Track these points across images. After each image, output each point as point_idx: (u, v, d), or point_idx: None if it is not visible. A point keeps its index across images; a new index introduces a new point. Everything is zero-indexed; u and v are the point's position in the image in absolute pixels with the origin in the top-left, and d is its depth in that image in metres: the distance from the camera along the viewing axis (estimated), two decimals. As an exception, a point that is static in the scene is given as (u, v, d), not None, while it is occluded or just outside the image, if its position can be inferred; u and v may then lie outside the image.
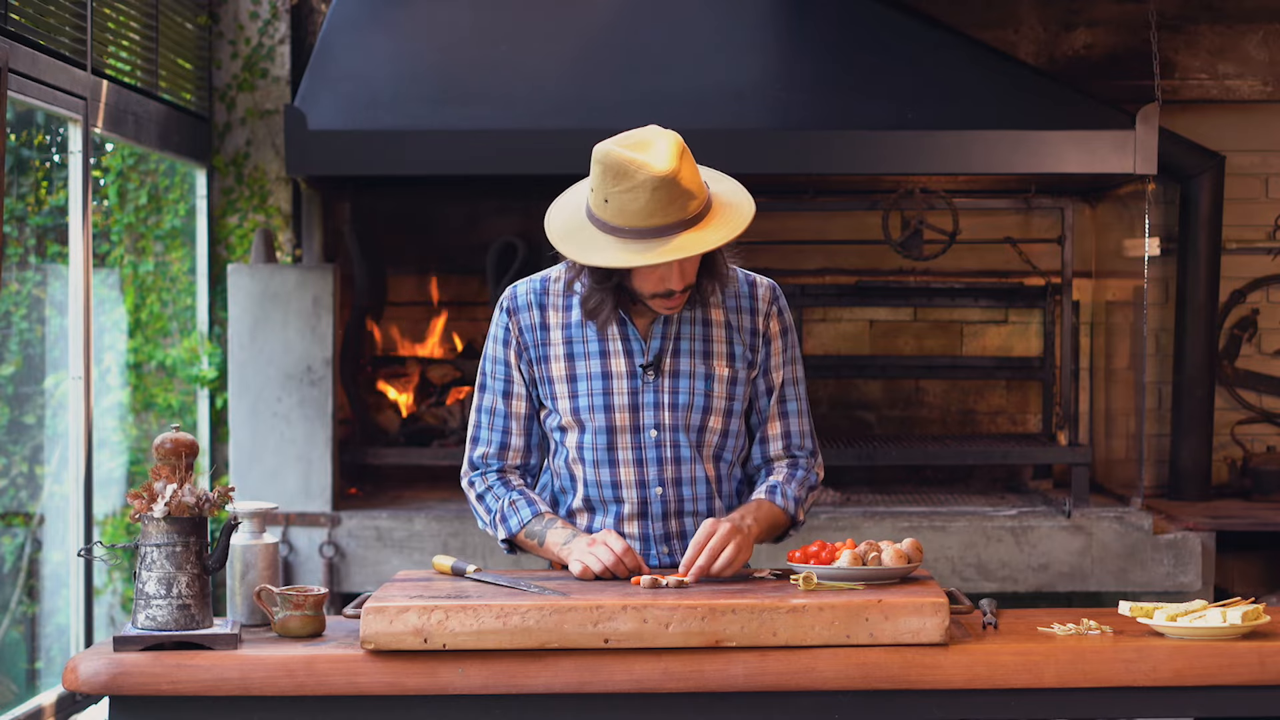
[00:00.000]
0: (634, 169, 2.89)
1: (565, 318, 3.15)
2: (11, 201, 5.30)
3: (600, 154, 2.93)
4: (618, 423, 3.11)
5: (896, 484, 6.72)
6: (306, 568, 5.84)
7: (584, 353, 3.13)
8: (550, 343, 3.14)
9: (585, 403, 3.12)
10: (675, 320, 3.13)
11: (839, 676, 2.74)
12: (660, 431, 3.12)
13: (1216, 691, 2.78)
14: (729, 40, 5.87)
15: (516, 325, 3.16)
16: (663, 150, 2.91)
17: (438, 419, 6.43)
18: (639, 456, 3.13)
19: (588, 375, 3.12)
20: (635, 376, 3.12)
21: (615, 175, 2.90)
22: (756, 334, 3.17)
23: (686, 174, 2.91)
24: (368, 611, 2.76)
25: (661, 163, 2.89)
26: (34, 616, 5.49)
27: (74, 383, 5.16)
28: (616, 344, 3.12)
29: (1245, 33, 6.64)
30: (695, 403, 3.12)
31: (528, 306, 3.16)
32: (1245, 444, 6.70)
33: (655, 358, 3.12)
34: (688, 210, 2.92)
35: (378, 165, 5.75)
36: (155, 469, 2.81)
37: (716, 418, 3.14)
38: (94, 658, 2.76)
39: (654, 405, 3.12)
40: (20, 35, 4.70)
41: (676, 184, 2.89)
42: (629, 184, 2.89)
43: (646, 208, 2.90)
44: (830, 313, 6.80)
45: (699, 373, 3.13)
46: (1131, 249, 6.24)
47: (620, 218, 2.92)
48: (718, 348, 3.15)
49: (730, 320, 3.16)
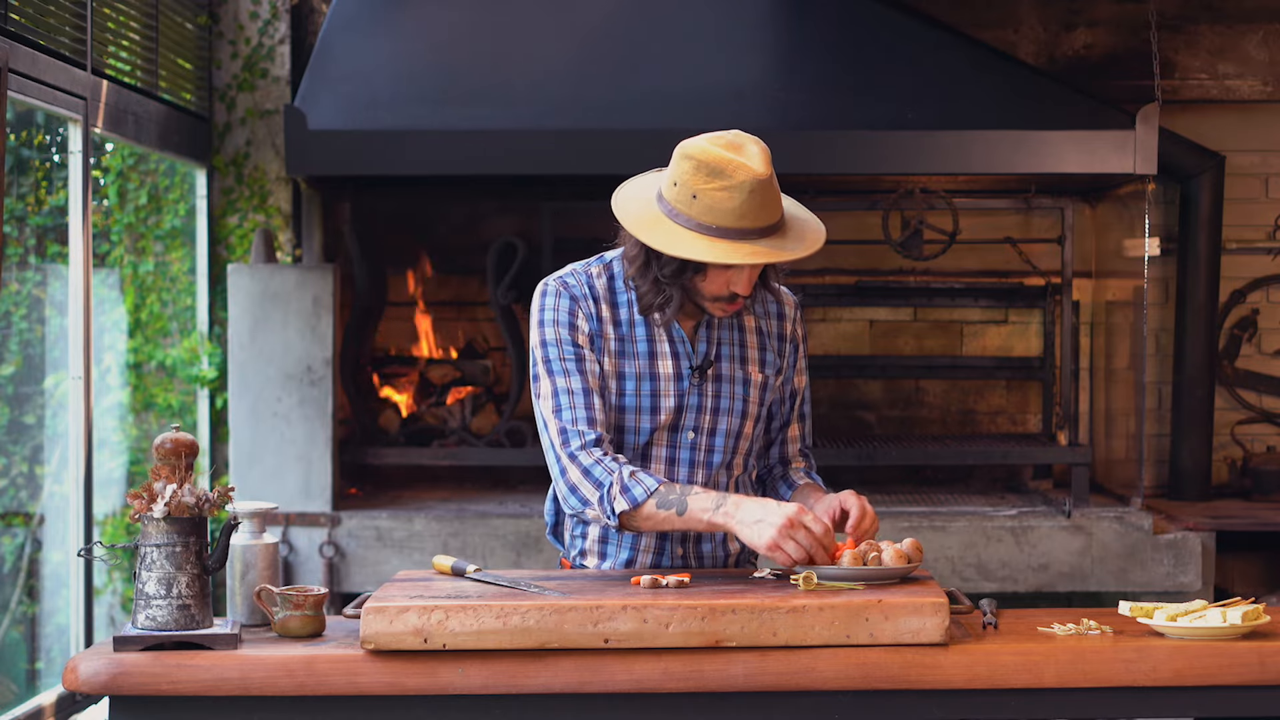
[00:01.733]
0: (733, 169, 2.92)
1: (615, 314, 3.13)
2: (11, 201, 5.30)
3: (695, 150, 2.95)
4: (661, 423, 3.12)
5: (896, 484, 6.72)
6: (306, 568, 5.84)
7: (633, 352, 3.12)
8: (605, 336, 3.12)
9: (632, 401, 3.11)
10: (716, 325, 3.15)
11: (839, 676, 2.74)
12: (698, 434, 3.14)
13: (1216, 691, 2.78)
14: (729, 40, 5.87)
15: (581, 310, 3.09)
16: (758, 154, 2.96)
17: (438, 419, 6.42)
18: (671, 455, 3.13)
19: (636, 375, 3.11)
20: (683, 379, 3.13)
21: (710, 172, 2.93)
22: (784, 339, 3.22)
23: (776, 182, 2.97)
24: (368, 611, 2.76)
25: (760, 165, 2.94)
26: (34, 616, 5.49)
27: (74, 383, 5.16)
28: (665, 345, 3.13)
29: (1245, 33, 6.64)
30: (735, 407, 3.15)
31: (586, 296, 3.10)
32: (1245, 444, 6.70)
33: (703, 361, 3.13)
34: (775, 216, 2.98)
35: (378, 165, 5.75)
36: (155, 469, 2.81)
37: (749, 423, 3.17)
38: (94, 658, 2.76)
39: (697, 408, 3.13)
40: (20, 35, 4.70)
41: (771, 188, 2.95)
42: (726, 183, 2.92)
43: (740, 208, 2.93)
44: (830, 313, 6.80)
45: (738, 378, 3.15)
46: (1131, 249, 6.24)
47: (709, 215, 2.94)
48: (753, 354, 3.18)
49: (761, 326, 3.20)
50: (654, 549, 3.15)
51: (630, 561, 3.16)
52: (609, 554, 3.17)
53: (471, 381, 6.51)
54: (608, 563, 3.18)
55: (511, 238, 6.31)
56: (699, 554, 3.17)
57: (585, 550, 3.20)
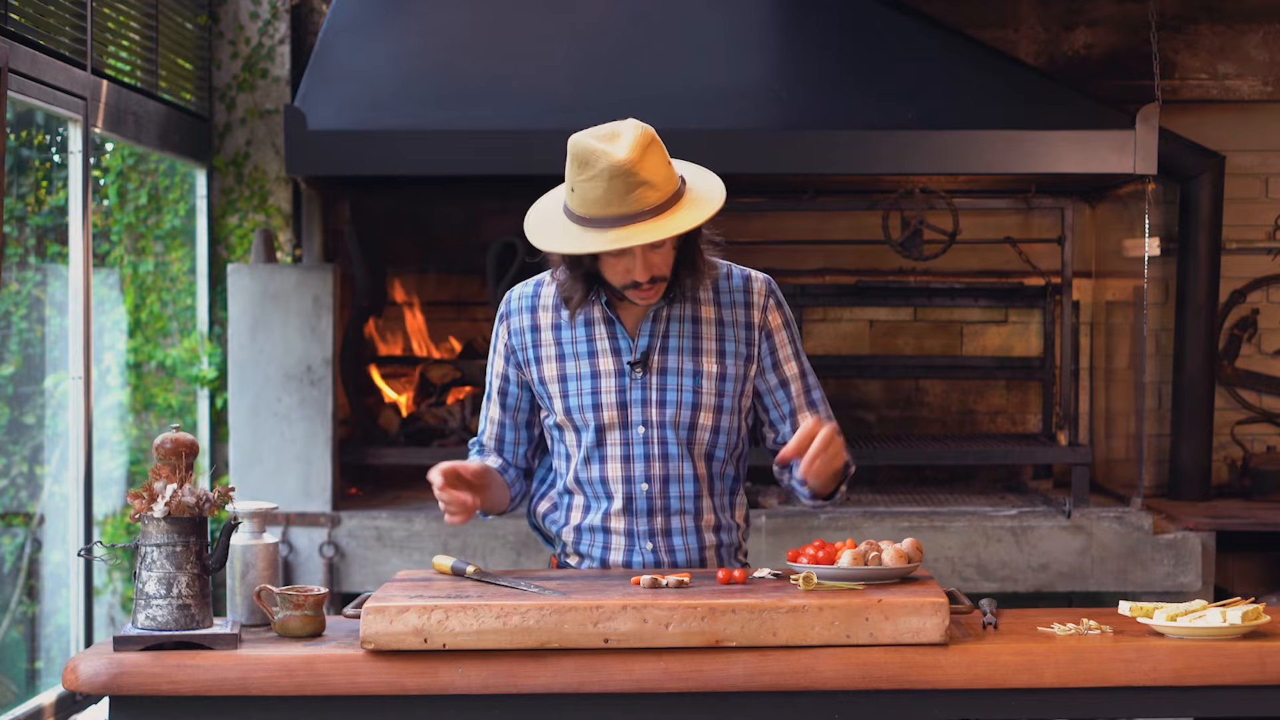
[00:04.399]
0: (595, 158, 2.91)
1: (556, 318, 3.18)
2: (11, 201, 5.30)
3: (572, 141, 2.96)
4: (607, 420, 3.13)
5: (896, 484, 6.72)
6: (306, 568, 5.84)
7: (574, 353, 3.16)
8: (541, 344, 3.18)
9: (576, 402, 3.14)
10: (664, 318, 3.14)
11: (839, 676, 2.74)
12: (649, 429, 3.13)
13: (1216, 691, 2.78)
14: (729, 40, 5.87)
15: (507, 330, 3.22)
16: (627, 141, 2.92)
17: (438, 419, 6.42)
18: (626, 453, 3.14)
19: (578, 375, 3.15)
20: (624, 374, 3.13)
21: (580, 164, 2.94)
22: (753, 328, 3.17)
23: (649, 166, 2.92)
24: (368, 611, 2.76)
25: (622, 153, 2.91)
26: (34, 616, 5.49)
27: (74, 383, 5.16)
28: (604, 343, 3.14)
29: (1245, 33, 6.64)
30: (684, 399, 3.13)
31: (518, 311, 3.21)
32: (1245, 444, 6.70)
33: (643, 355, 3.13)
34: (645, 202, 2.93)
35: (378, 165, 5.75)
36: (155, 469, 2.81)
37: (707, 414, 3.14)
38: (94, 658, 2.76)
39: (642, 402, 3.13)
40: (20, 35, 4.70)
41: (633, 175, 2.91)
42: (590, 172, 2.92)
43: (604, 197, 2.92)
44: (830, 313, 6.80)
45: (687, 370, 3.13)
46: (1131, 249, 6.24)
47: (582, 206, 2.96)
48: (707, 344, 3.15)
49: (723, 317, 3.16)
50: (624, 547, 3.17)
51: (604, 562, 3.18)
52: (584, 553, 3.22)
53: (471, 381, 6.51)
54: (584, 564, 3.20)
55: (511, 238, 6.31)
56: (670, 547, 3.17)
57: (567, 551, 3.26)
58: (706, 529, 3.18)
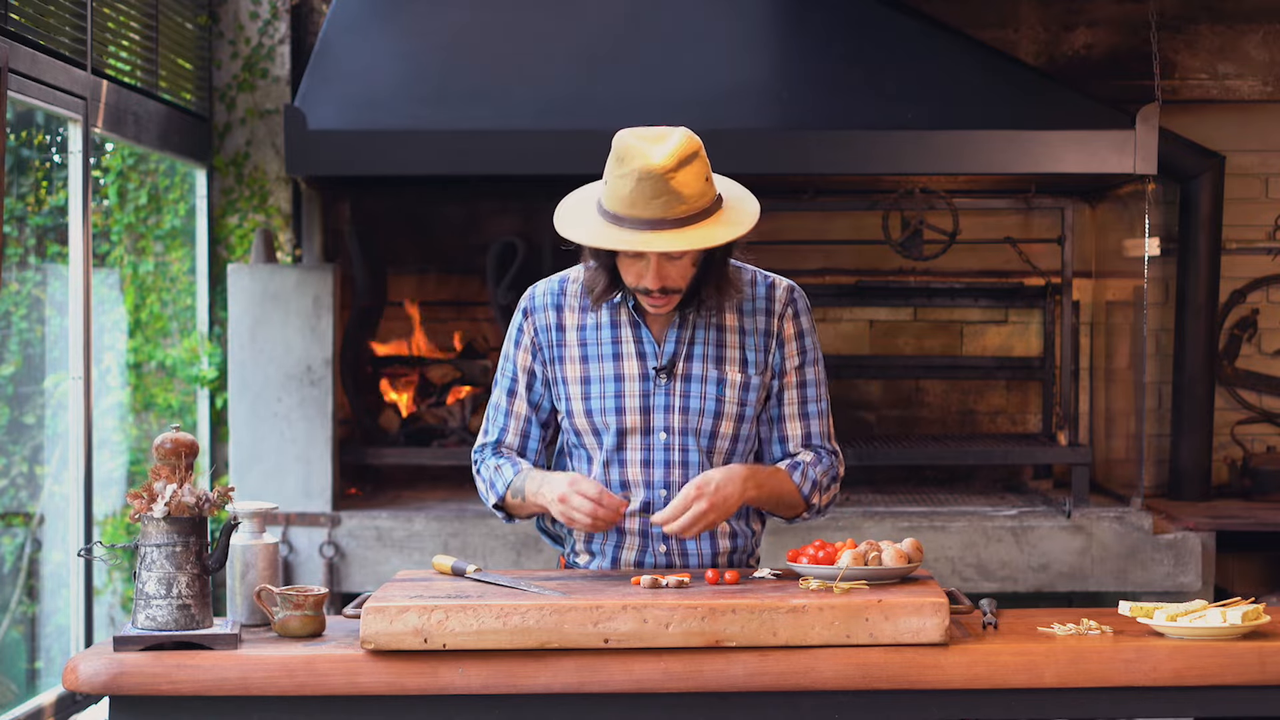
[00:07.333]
0: (631, 156, 2.92)
1: (581, 319, 3.16)
2: (11, 201, 5.30)
3: (616, 136, 2.97)
4: (629, 424, 3.12)
5: (896, 484, 6.72)
6: (306, 568, 5.84)
7: (598, 354, 3.14)
8: (565, 343, 3.16)
9: (597, 404, 3.12)
10: (689, 324, 3.13)
11: (839, 676, 2.74)
12: (670, 435, 3.12)
13: (1216, 691, 2.78)
14: (729, 40, 5.87)
15: (532, 326, 3.19)
16: (667, 148, 2.92)
17: (438, 419, 6.42)
18: (647, 458, 3.13)
19: (601, 377, 3.13)
20: (648, 379, 3.12)
21: (617, 159, 2.95)
22: (770, 335, 3.16)
23: (683, 177, 2.91)
24: (368, 611, 2.76)
25: (657, 158, 2.90)
26: (34, 616, 5.49)
27: (74, 383, 5.16)
28: (630, 346, 3.13)
29: (1245, 33, 6.64)
30: (706, 407, 3.12)
31: (544, 307, 3.18)
32: (1245, 444, 6.70)
33: (669, 361, 3.12)
34: (672, 211, 2.92)
35: (378, 165, 5.75)
36: (155, 469, 2.81)
37: (728, 423, 3.14)
38: (94, 658, 2.76)
39: (665, 408, 3.12)
40: (20, 35, 4.70)
41: (663, 182, 2.90)
42: (623, 170, 2.93)
43: (630, 196, 2.92)
44: (830, 313, 6.80)
45: (711, 377, 3.12)
46: (1131, 249, 6.24)
47: (610, 201, 2.96)
48: (730, 353, 3.14)
49: (744, 325, 3.15)
50: (637, 547, 3.16)
51: (616, 560, 3.17)
52: (595, 551, 3.20)
53: (471, 381, 6.51)
54: (595, 562, 3.19)
55: (511, 238, 6.31)
56: (683, 551, 3.17)
57: (577, 549, 3.23)
58: (721, 535, 3.17)
